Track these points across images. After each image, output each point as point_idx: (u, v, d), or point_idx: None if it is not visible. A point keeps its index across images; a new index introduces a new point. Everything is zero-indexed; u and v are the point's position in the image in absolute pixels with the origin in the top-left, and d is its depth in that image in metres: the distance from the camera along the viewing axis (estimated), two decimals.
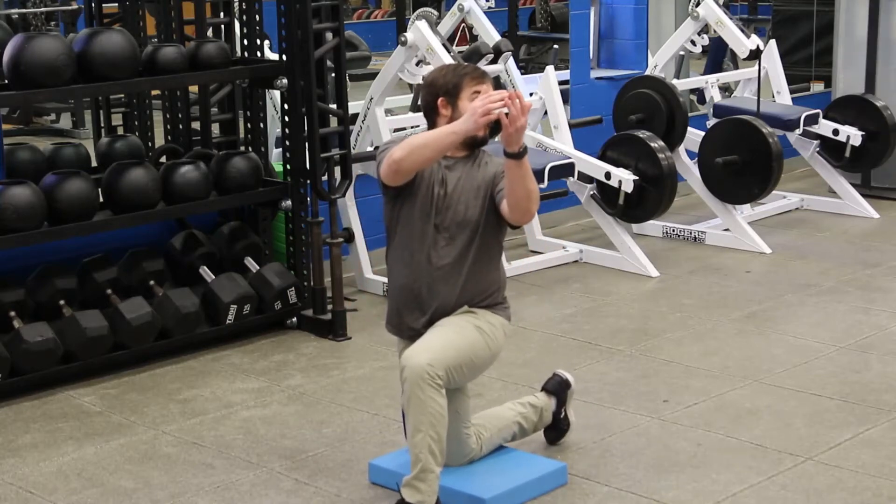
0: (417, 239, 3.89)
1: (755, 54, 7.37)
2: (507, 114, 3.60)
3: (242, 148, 6.09)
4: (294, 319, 5.78)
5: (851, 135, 7.60)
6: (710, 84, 7.83)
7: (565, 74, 7.73)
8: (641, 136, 6.66)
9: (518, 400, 4.34)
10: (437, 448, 3.74)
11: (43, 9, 10.18)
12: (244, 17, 5.86)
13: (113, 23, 6.07)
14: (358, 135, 6.48)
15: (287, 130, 5.71)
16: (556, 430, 4.40)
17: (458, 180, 3.89)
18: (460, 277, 3.89)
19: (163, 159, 5.98)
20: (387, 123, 6.43)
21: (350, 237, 6.34)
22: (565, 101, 7.14)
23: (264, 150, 6.03)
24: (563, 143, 6.74)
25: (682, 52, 7.97)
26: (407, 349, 3.81)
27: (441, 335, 3.82)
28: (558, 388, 4.39)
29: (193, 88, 6.17)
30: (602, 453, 4.35)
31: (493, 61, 6.47)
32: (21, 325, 5.02)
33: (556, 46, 10.68)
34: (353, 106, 6.13)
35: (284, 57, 5.60)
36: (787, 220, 7.71)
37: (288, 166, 5.73)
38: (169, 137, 6.11)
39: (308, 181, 5.65)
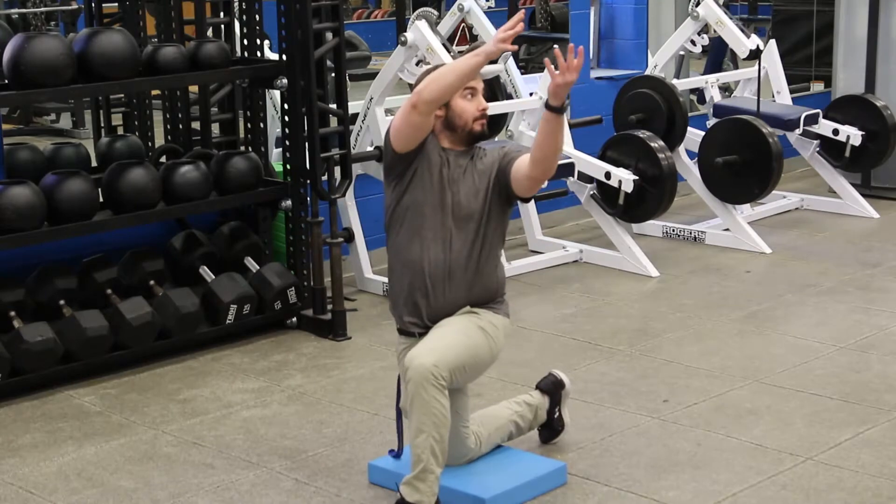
0: (430, 230, 3.86)
1: (755, 54, 7.36)
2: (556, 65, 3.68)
3: (242, 148, 6.09)
4: (294, 319, 5.78)
5: (851, 135, 7.59)
6: (710, 84, 7.81)
7: None
8: (641, 136, 6.65)
9: (514, 399, 4.34)
10: (439, 449, 3.74)
11: (43, 9, 10.17)
12: (244, 17, 5.86)
13: (113, 23, 6.08)
14: (358, 135, 6.48)
15: (287, 130, 5.71)
16: (550, 429, 4.40)
17: (461, 173, 3.89)
18: (467, 273, 3.87)
19: (163, 159, 5.98)
20: (387, 123, 6.41)
21: (350, 237, 6.34)
22: None
23: (264, 150, 6.04)
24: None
25: (682, 52, 7.96)
26: (411, 350, 3.80)
27: (445, 336, 3.81)
28: (552, 388, 4.38)
29: (193, 88, 6.18)
30: (602, 453, 4.35)
31: (493, 61, 6.45)
32: (21, 325, 5.02)
33: (556, 46, 10.65)
34: (353, 106, 6.13)
35: (284, 57, 5.60)
36: (787, 220, 7.70)
37: (288, 166, 5.73)
38: (169, 137, 6.11)
39: (308, 181, 5.65)
